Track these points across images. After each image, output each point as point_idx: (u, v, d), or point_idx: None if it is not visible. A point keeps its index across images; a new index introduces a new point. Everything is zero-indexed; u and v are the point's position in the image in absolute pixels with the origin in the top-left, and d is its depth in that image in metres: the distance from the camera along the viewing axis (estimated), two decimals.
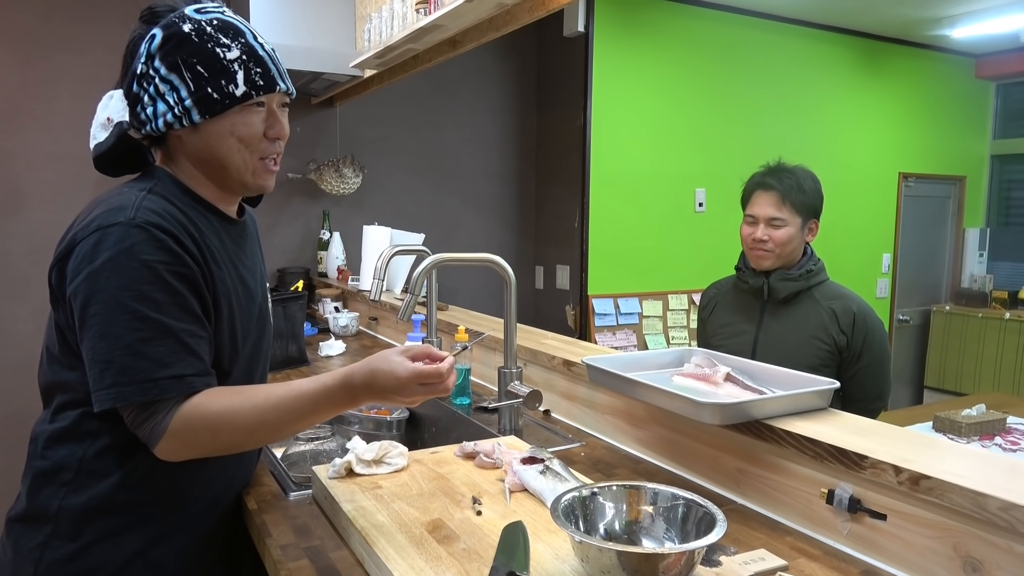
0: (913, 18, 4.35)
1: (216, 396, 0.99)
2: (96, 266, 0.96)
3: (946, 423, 2.92)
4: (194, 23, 1.05)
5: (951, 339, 5.07)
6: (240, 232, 1.20)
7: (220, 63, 1.03)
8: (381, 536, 1.00)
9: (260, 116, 1.08)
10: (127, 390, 0.95)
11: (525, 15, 1.94)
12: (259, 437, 1.04)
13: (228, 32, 1.06)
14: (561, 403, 1.74)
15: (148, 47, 1.05)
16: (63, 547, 1.04)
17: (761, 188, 1.93)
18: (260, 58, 1.07)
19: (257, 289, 1.21)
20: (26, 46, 2.99)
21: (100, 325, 0.95)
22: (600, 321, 3.85)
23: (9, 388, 3.02)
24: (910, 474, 0.93)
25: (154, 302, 0.96)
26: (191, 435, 0.97)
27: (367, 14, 2.74)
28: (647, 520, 0.93)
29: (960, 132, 5.26)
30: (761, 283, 1.92)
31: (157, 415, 0.96)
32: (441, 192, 3.94)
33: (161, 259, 0.98)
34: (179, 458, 1.00)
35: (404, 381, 0.98)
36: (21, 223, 3.03)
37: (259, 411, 0.99)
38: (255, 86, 1.05)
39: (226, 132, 1.05)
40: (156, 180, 1.08)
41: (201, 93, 1.03)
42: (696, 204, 4.17)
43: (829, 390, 1.22)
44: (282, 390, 1.00)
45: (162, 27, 1.05)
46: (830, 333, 1.84)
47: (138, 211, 0.99)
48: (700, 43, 4.09)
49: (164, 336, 0.97)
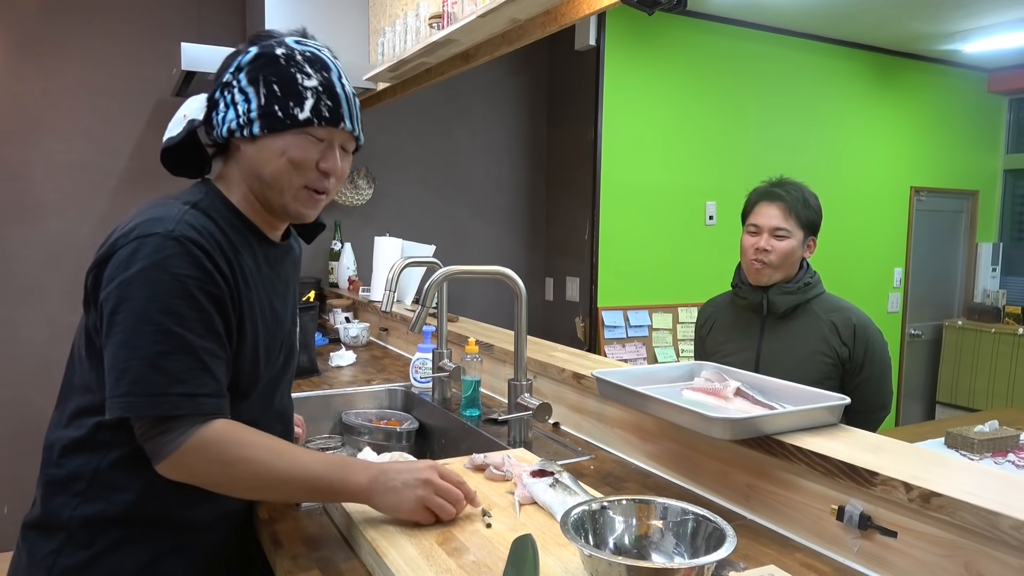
0: (925, 33, 4.36)
1: (240, 429, 1.01)
2: (129, 275, 0.97)
3: (958, 439, 2.90)
4: (288, 49, 1.09)
5: (963, 354, 5.03)
6: (279, 256, 1.21)
7: (295, 86, 1.06)
8: (391, 547, 1.00)
9: (318, 147, 1.09)
10: (138, 401, 0.95)
11: (538, 30, 1.96)
12: (265, 484, 1.04)
13: (315, 64, 1.09)
14: (571, 416, 1.74)
15: (240, 60, 1.09)
16: (76, 555, 1.05)
17: (766, 199, 1.93)
18: (335, 94, 1.09)
19: (285, 315, 1.21)
20: (46, 58, 3.04)
21: (123, 333, 0.96)
22: (610, 333, 3.85)
23: (24, 394, 3.05)
24: (921, 491, 0.93)
25: (179, 316, 0.97)
26: (203, 462, 0.98)
27: (381, 28, 2.77)
28: (657, 535, 0.93)
29: (972, 147, 5.24)
30: (760, 298, 1.91)
31: (170, 432, 0.96)
32: (452, 204, 3.96)
33: (192, 274, 0.99)
34: (178, 479, 1.00)
35: (417, 476, 1.05)
36: (38, 232, 3.07)
37: (277, 458, 1.02)
38: (320, 115, 1.07)
39: (279, 151, 1.07)
40: (203, 196, 1.10)
41: (268, 109, 1.06)
42: (707, 217, 4.17)
43: (840, 406, 1.22)
44: (304, 451, 1.05)
45: (259, 46, 1.10)
46: (832, 346, 1.84)
47: (177, 224, 1.01)
48: (711, 57, 4.10)
49: (184, 352, 0.97)
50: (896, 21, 4.13)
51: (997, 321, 5.01)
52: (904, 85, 4.83)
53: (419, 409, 2.05)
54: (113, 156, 3.18)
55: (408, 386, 2.16)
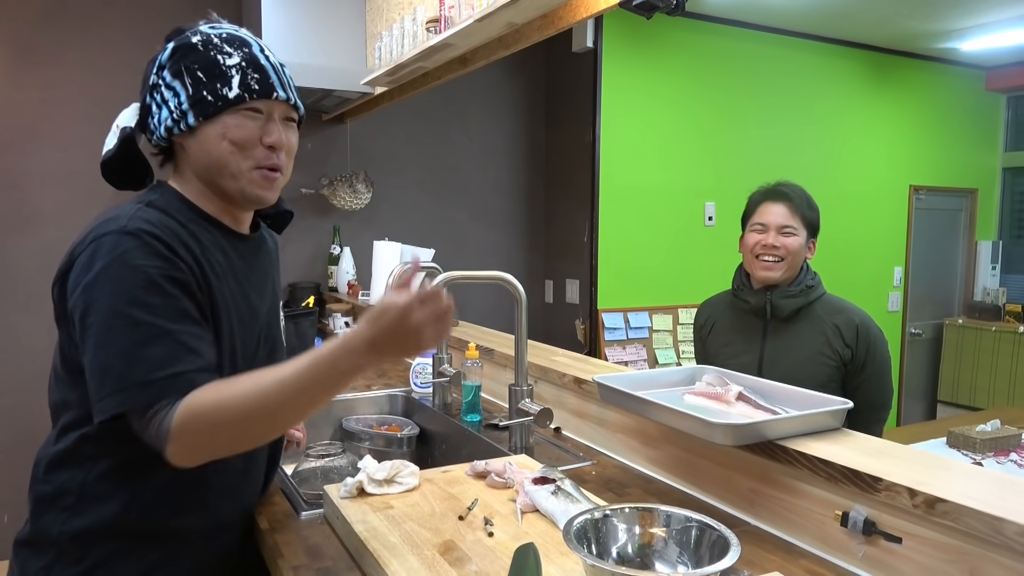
0: (922, 31, 4.36)
1: (211, 387, 0.95)
2: (91, 277, 0.96)
3: (960, 439, 2.90)
4: (203, 35, 1.09)
5: (964, 353, 5.03)
6: (251, 249, 1.19)
7: (219, 68, 1.05)
8: (394, 558, 1.00)
9: (257, 122, 1.07)
10: (126, 395, 0.93)
11: (535, 33, 1.95)
12: (262, 419, 0.95)
13: (234, 43, 1.08)
14: (571, 421, 1.74)
15: (160, 59, 1.09)
16: (67, 570, 1.04)
17: (771, 198, 1.93)
18: (261, 66, 1.07)
19: (261, 309, 1.19)
20: (44, 67, 3.03)
21: (97, 334, 0.95)
22: (610, 335, 3.84)
23: (24, 403, 3.04)
24: (925, 497, 0.92)
25: (148, 306, 0.95)
26: (193, 431, 0.92)
27: (378, 32, 2.76)
28: (660, 543, 0.92)
29: (971, 145, 5.24)
30: (763, 301, 1.89)
31: (158, 416, 0.92)
32: (450, 207, 3.95)
33: (153, 264, 0.97)
34: (193, 460, 0.96)
35: (407, 310, 0.89)
36: (36, 240, 3.06)
37: (257, 389, 0.92)
38: (249, 89, 1.05)
39: (219, 135, 1.05)
40: (158, 195, 1.09)
41: (197, 96, 1.04)
42: (706, 218, 4.16)
43: (842, 410, 1.22)
44: (281, 366, 0.94)
45: (175, 40, 1.10)
46: (835, 348, 1.83)
47: (131, 220, 1.00)
48: (708, 58, 4.10)
49: (160, 338, 0.95)
50: (893, 20, 4.13)
51: (997, 319, 5.01)
52: (902, 84, 4.83)
53: (420, 414, 2.05)
54: None
55: (409, 391, 2.16)
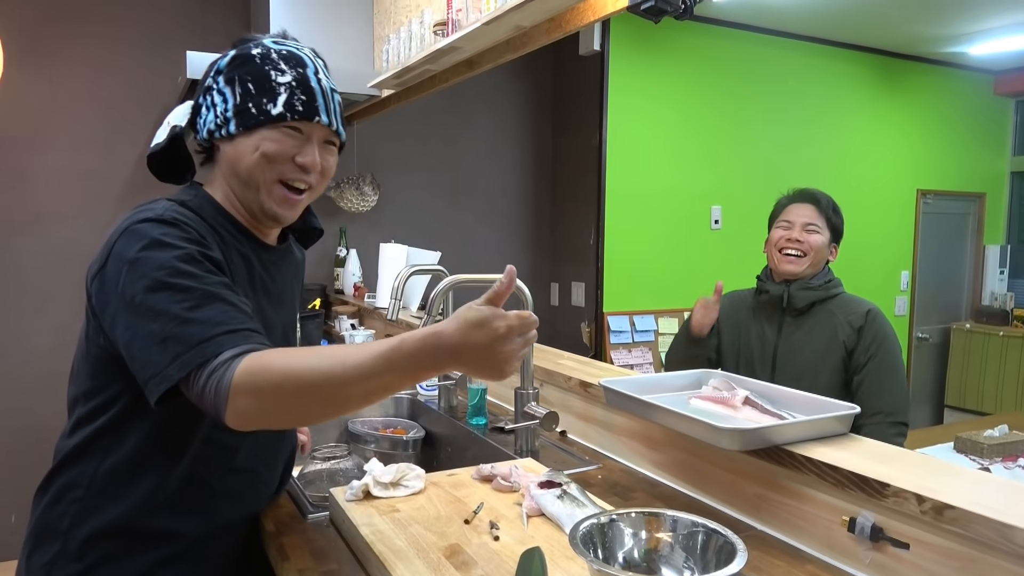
0: (930, 36, 4.34)
1: (276, 351, 0.93)
2: (131, 257, 0.97)
3: (968, 444, 2.88)
4: (263, 49, 1.10)
5: (972, 358, 5.00)
6: (275, 260, 1.20)
7: (269, 83, 1.07)
8: (400, 562, 1.00)
9: (294, 140, 1.08)
10: (187, 356, 0.90)
11: (542, 36, 1.95)
12: (326, 394, 0.89)
13: (290, 61, 1.09)
14: (577, 424, 1.73)
15: (219, 63, 1.11)
16: (68, 567, 1.05)
17: (799, 200, 2.02)
18: (310, 88, 1.08)
19: (276, 321, 1.20)
20: (52, 67, 3.05)
21: (148, 311, 0.93)
22: (616, 338, 3.84)
23: (30, 403, 3.06)
24: (933, 503, 0.92)
25: (192, 276, 0.96)
26: (254, 389, 0.88)
27: (385, 35, 2.77)
28: (666, 548, 0.92)
29: (979, 149, 5.22)
30: (781, 291, 1.96)
31: (216, 373, 0.89)
32: (456, 209, 3.95)
33: (190, 245, 0.99)
34: (248, 423, 0.91)
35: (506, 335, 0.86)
36: (44, 240, 3.08)
37: (326, 363, 0.88)
38: (293, 109, 1.07)
39: (254, 146, 1.07)
40: (191, 197, 1.11)
41: (242, 106, 1.06)
42: (712, 221, 4.16)
43: (849, 415, 1.21)
44: (354, 346, 0.91)
45: (237, 48, 1.11)
46: (842, 338, 1.90)
47: (166, 211, 1.02)
48: (715, 61, 4.09)
49: (210, 300, 0.94)
50: (901, 24, 4.11)
51: (1005, 324, 4.98)
52: (910, 88, 4.82)
53: (425, 417, 2.05)
54: (119, 164, 3.19)
55: (414, 394, 2.16)
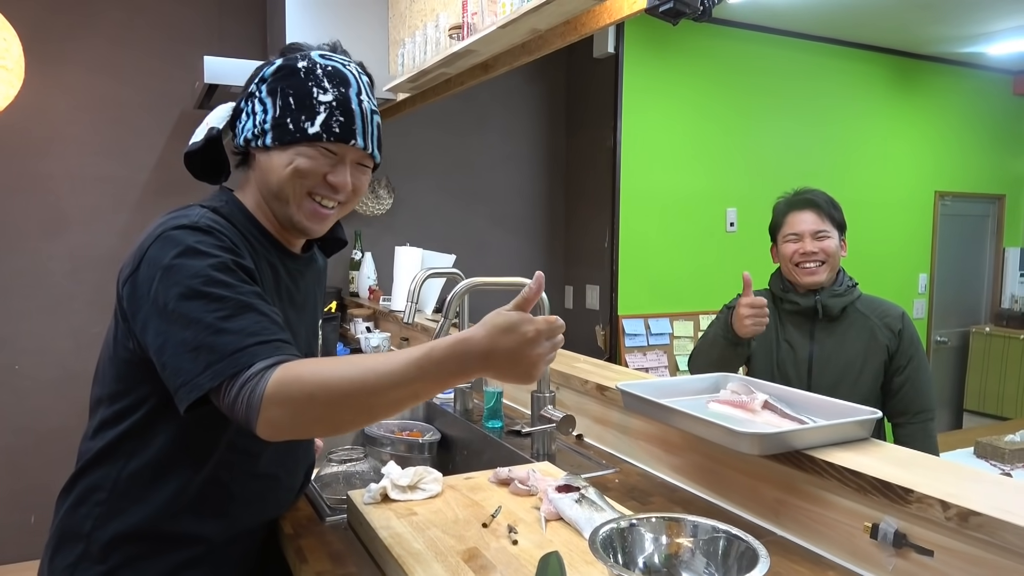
0: (948, 36, 4.30)
1: (308, 361, 0.93)
2: (165, 263, 0.97)
3: (988, 449, 2.85)
4: (310, 62, 1.09)
5: (991, 361, 4.94)
6: (300, 268, 1.21)
7: (309, 100, 1.07)
8: (418, 565, 1.00)
9: (327, 160, 1.09)
10: (220, 366, 0.90)
11: (557, 39, 1.95)
12: (357, 404, 0.90)
13: (335, 79, 1.09)
14: (594, 428, 1.73)
15: (264, 72, 1.11)
16: (91, 569, 1.06)
17: (797, 207, 1.98)
18: (350, 110, 1.09)
19: (300, 328, 1.21)
20: (71, 72, 3.09)
21: (181, 319, 0.94)
22: (630, 342, 3.82)
23: (49, 405, 3.09)
24: (959, 510, 0.91)
25: (226, 285, 0.96)
26: (287, 400, 0.88)
27: (401, 39, 2.78)
28: (687, 554, 0.91)
29: (998, 150, 5.16)
30: (812, 302, 1.94)
31: (249, 383, 0.89)
32: (471, 212, 3.96)
33: (224, 254, 1.00)
34: (280, 432, 0.91)
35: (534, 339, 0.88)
36: (62, 243, 3.11)
37: (357, 372, 0.88)
38: (330, 131, 1.07)
39: (287, 161, 1.07)
40: (223, 203, 1.11)
41: (280, 120, 1.07)
42: (727, 224, 4.14)
43: (871, 420, 1.20)
44: (384, 354, 0.91)
45: (284, 58, 1.11)
46: (881, 340, 1.90)
47: (200, 218, 1.03)
48: (730, 63, 4.07)
49: (244, 310, 0.95)
50: (919, 24, 4.08)
51: None
52: (927, 88, 4.77)
53: (441, 420, 2.05)
54: (137, 169, 3.22)
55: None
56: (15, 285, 3.05)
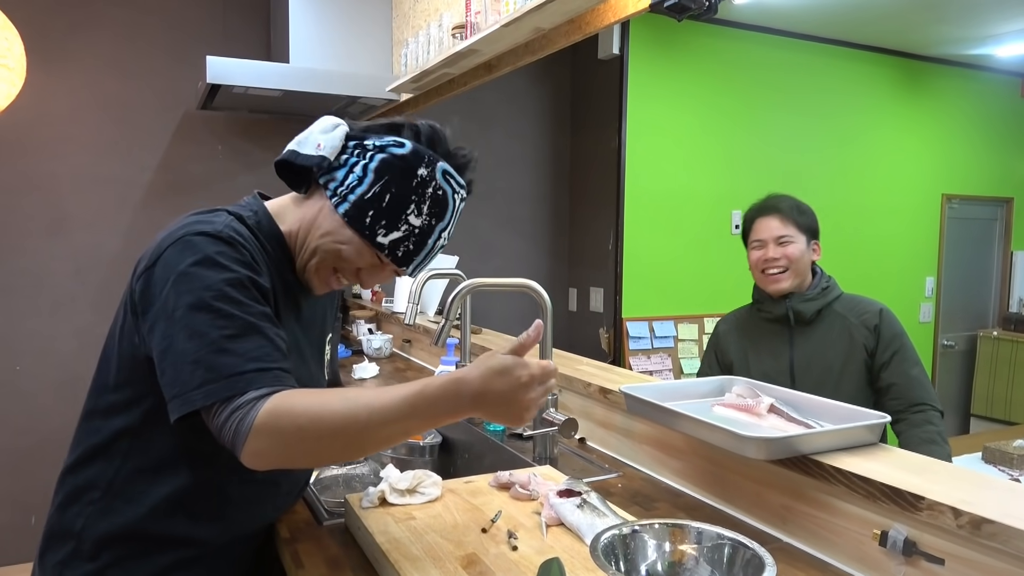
0: (955, 37, 4.27)
1: (301, 392, 0.93)
2: (181, 270, 0.96)
3: (996, 454, 2.81)
4: (430, 175, 1.06)
5: (999, 366, 4.90)
6: None
7: (398, 214, 1.05)
8: (416, 571, 0.98)
9: (371, 259, 1.08)
10: (216, 387, 0.90)
11: (561, 39, 1.93)
12: (346, 439, 0.91)
13: (435, 206, 1.07)
14: (597, 431, 1.70)
15: (391, 144, 1.06)
16: (81, 567, 1.05)
17: (762, 215, 1.98)
18: (423, 244, 1.08)
19: (306, 350, 1.19)
20: (74, 72, 3.08)
21: (187, 328, 0.93)
22: (635, 344, 3.80)
23: (52, 406, 3.08)
24: (971, 518, 0.88)
25: (238, 302, 0.95)
26: (276, 432, 0.89)
27: (404, 39, 2.77)
28: (691, 562, 0.89)
29: (1006, 153, 5.12)
30: (784, 309, 1.93)
31: (240, 410, 0.89)
32: (474, 214, 3.94)
33: (242, 269, 0.98)
34: (266, 463, 0.91)
35: (527, 385, 0.90)
36: (66, 244, 3.10)
37: (349, 407, 0.89)
38: (393, 255, 1.07)
39: (339, 240, 1.06)
40: (252, 214, 1.09)
41: (362, 208, 1.04)
42: (732, 226, 4.11)
43: (880, 424, 1.17)
44: (377, 390, 0.92)
45: (413, 151, 1.06)
46: (859, 340, 1.87)
47: (224, 227, 1.01)
48: (735, 64, 4.05)
49: (250, 332, 0.94)
50: (925, 25, 4.05)
51: None
52: (934, 90, 4.74)
53: None
54: (140, 169, 3.21)
55: None
56: (17, 285, 3.04)
